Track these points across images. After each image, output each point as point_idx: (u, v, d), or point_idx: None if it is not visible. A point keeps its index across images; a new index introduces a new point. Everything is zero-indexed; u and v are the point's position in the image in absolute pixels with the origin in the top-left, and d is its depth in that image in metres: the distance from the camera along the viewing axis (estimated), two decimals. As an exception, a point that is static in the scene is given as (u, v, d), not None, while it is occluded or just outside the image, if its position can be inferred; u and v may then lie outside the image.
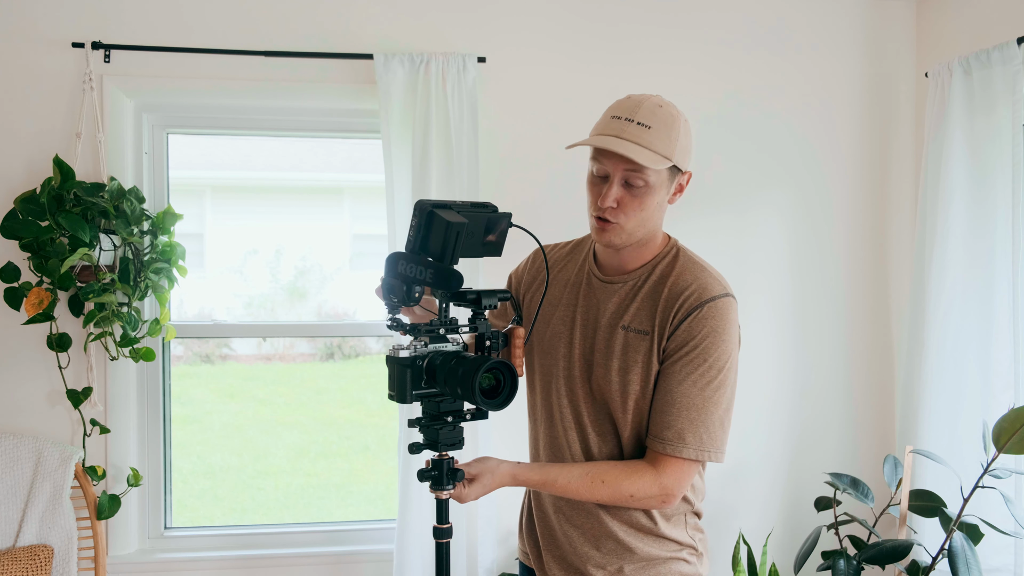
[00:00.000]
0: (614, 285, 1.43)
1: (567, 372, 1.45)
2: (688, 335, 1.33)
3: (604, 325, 1.41)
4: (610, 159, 1.31)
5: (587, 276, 1.47)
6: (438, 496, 1.33)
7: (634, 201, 1.32)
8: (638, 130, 1.28)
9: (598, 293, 1.44)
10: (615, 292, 1.42)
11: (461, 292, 1.29)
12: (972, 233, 2.31)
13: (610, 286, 1.43)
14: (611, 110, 1.35)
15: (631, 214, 1.32)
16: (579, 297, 1.46)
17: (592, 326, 1.43)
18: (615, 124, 1.31)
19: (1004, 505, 2.02)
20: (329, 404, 5.26)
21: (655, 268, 1.41)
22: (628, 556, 1.42)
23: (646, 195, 1.32)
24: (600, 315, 1.43)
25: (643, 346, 1.37)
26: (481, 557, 2.40)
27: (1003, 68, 2.19)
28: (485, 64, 2.46)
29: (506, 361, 1.25)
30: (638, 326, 1.38)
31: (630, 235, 1.35)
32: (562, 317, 1.47)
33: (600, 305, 1.43)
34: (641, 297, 1.40)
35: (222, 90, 2.40)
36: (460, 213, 1.25)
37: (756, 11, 2.61)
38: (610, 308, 1.42)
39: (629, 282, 1.42)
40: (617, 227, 1.34)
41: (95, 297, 2.14)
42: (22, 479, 2.20)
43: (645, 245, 1.41)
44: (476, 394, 1.18)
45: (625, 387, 1.38)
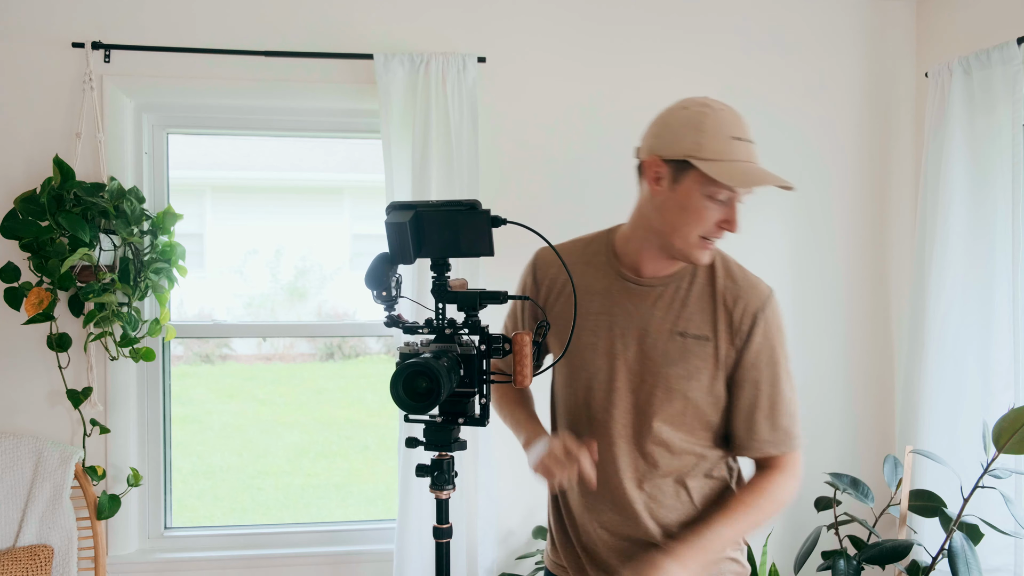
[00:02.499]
0: (655, 289, 1.37)
1: (608, 383, 1.38)
2: (764, 340, 1.35)
3: (655, 331, 1.35)
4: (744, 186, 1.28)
5: (617, 280, 1.40)
6: (438, 496, 1.32)
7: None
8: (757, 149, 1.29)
9: (637, 298, 1.37)
10: (658, 296, 1.37)
11: (451, 294, 1.29)
12: (972, 233, 2.31)
13: (650, 290, 1.37)
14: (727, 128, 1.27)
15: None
16: (612, 304, 1.39)
17: (638, 334, 1.36)
18: (744, 148, 1.27)
19: (1004, 505, 2.02)
20: (329, 404, 5.27)
21: (695, 272, 1.38)
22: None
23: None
24: (647, 322, 1.36)
25: (705, 352, 1.34)
26: (481, 557, 2.40)
27: (1003, 68, 2.19)
28: (485, 64, 2.46)
29: (432, 367, 1.21)
30: (696, 331, 1.34)
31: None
32: (594, 327, 1.39)
33: (643, 311, 1.36)
34: (693, 301, 1.36)
35: (222, 90, 2.40)
36: (423, 212, 1.25)
37: (756, 11, 2.61)
38: (657, 314, 1.36)
39: (671, 285, 1.37)
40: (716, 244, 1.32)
41: (95, 297, 2.14)
42: (22, 479, 2.20)
43: None
44: (399, 392, 1.19)
45: (685, 395, 1.34)
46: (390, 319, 1.34)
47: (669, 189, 1.29)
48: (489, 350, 1.32)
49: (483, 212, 1.26)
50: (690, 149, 1.25)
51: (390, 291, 1.27)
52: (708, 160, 1.24)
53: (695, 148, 1.25)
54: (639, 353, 1.36)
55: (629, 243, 1.39)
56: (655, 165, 1.30)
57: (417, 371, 1.19)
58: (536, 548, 2.53)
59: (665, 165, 1.28)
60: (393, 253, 1.25)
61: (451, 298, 1.31)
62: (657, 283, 1.37)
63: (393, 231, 1.22)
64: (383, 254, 1.28)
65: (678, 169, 1.27)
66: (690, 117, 1.28)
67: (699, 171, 1.24)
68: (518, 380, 1.34)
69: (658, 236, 1.33)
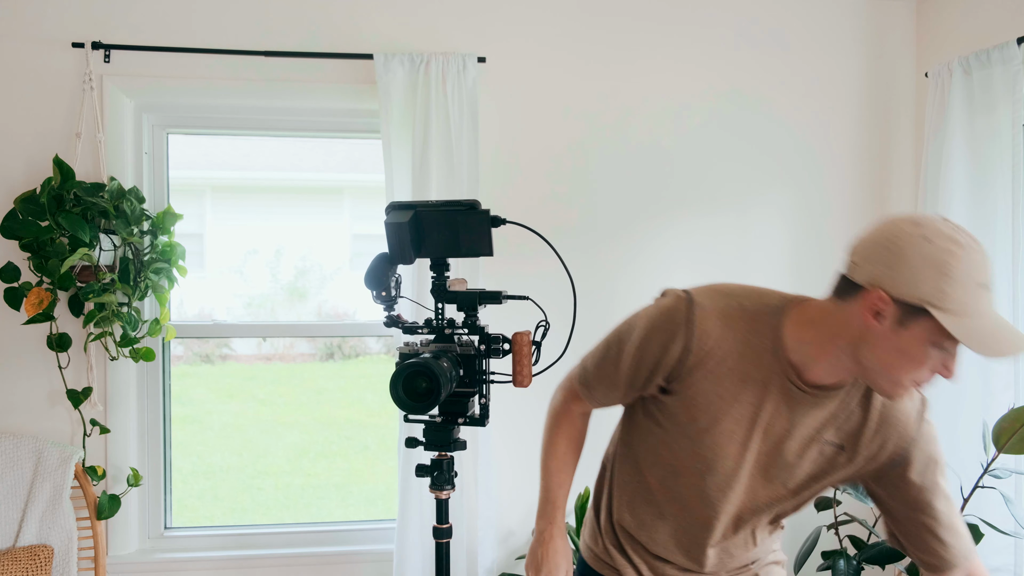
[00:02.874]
0: (816, 399, 1.24)
1: (733, 470, 1.29)
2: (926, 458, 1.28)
3: (799, 437, 1.27)
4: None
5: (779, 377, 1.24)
6: (438, 496, 1.32)
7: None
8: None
9: (794, 403, 1.24)
10: (821, 407, 1.25)
11: (451, 294, 1.29)
12: (972, 233, 2.31)
13: (811, 399, 1.24)
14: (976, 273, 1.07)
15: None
16: (766, 399, 1.25)
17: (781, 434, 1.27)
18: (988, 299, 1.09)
19: (1004, 505, 2.02)
20: (329, 404, 5.27)
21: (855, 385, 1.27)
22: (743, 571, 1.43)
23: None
24: (795, 426, 1.26)
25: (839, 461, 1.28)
26: (481, 557, 2.40)
27: (1003, 68, 2.19)
28: (485, 64, 2.46)
29: (432, 367, 1.21)
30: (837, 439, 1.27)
31: None
32: (738, 416, 1.25)
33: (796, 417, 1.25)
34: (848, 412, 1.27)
35: (222, 90, 2.40)
36: (423, 212, 1.25)
37: (756, 11, 2.61)
38: (811, 423, 1.26)
39: (837, 398, 1.25)
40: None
41: (95, 297, 2.14)
42: (22, 479, 2.20)
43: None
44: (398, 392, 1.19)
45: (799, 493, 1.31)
46: (390, 319, 1.34)
47: (891, 330, 1.10)
48: (488, 350, 1.32)
49: (483, 212, 1.26)
50: (931, 296, 1.06)
51: (390, 291, 1.27)
52: (951, 314, 1.05)
53: (937, 296, 1.05)
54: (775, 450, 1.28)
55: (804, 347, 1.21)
56: (880, 301, 1.09)
57: (417, 371, 1.19)
58: (536, 548, 2.53)
59: (893, 304, 1.08)
60: (393, 253, 1.25)
61: (450, 298, 1.31)
62: (820, 394, 1.24)
63: (393, 231, 1.22)
64: (383, 254, 1.28)
65: (909, 313, 1.08)
66: (935, 256, 1.06)
67: (935, 321, 1.06)
68: (517, 380, 1.34)
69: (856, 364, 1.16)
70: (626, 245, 2.57)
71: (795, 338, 1.21)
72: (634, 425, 1.39)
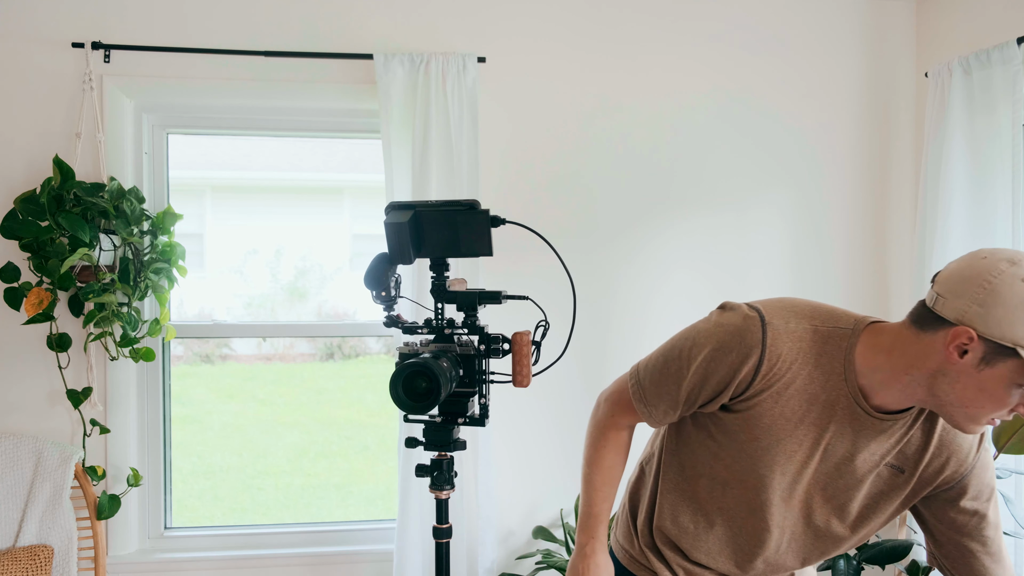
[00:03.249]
0: (885, 423, 1.22)
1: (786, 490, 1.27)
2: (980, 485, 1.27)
3: (862, 460, 1.25)
4: None
5: (846, 399, 1.22)
6: (438, 496, 1.32)
7: None
8: None
9: (859, 425, 1.22)
10: (886, 431, 1.23)
11: (450, 294, 1.29)
12: (972, 233, 2.31)
13: (878, 423, 1.22)
14: None
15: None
16: (831, 421, 1.23)
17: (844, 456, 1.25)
18: None
19: (1004, 505, 2.02)
20: (329, 404, 5.26)
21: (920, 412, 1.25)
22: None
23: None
24: (859, 449, 1.24)
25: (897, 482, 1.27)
26: (481, 557, 2.40)
27: (1003, 68, 2.19)
28: (485, 64, 2.46)
29: (432, 367, 1.21)
30: (898, 463, 1.26)
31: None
32: (801, 438, 1.24)
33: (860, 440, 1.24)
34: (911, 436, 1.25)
35: (222, 90, 2.40)
36: (423, 212, 1.24)
37: (756, 11, 2.61)
38: (876, 448, 1.24)
39: (901, 421, 1.23)
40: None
41: (95, 297, 2.14)
42: (22, 479, 2.20)
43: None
44: (398, 391, 1.19)
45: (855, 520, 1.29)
46: (389, 319, 1.34)
47: (974, 367, 1.08)
48: (488, 350, 1.32)
49: (482, 212, 1.26)
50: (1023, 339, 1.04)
51: (389, 291, 1.27)
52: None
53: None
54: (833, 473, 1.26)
55: (876, 373, 1.18)
56: (966, 338, 1.07)
57: (416, 371, 1.19)
58: (536, 548, 2.52)
59: (980, 342, 1.06)
60: (392, 253, 1.25)
61: (450, 298, 1.31)
62: (888, 419, 1.21)
63: (392, 231, 1.22)
64: (382, 254, 1.28)
65: (996, 352, 1.06)
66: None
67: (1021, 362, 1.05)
68: (517, 380, 1.34)
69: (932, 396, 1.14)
70: (626, 245, 2.57)
71: (867, 363, 1.19)
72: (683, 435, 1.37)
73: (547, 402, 2.55)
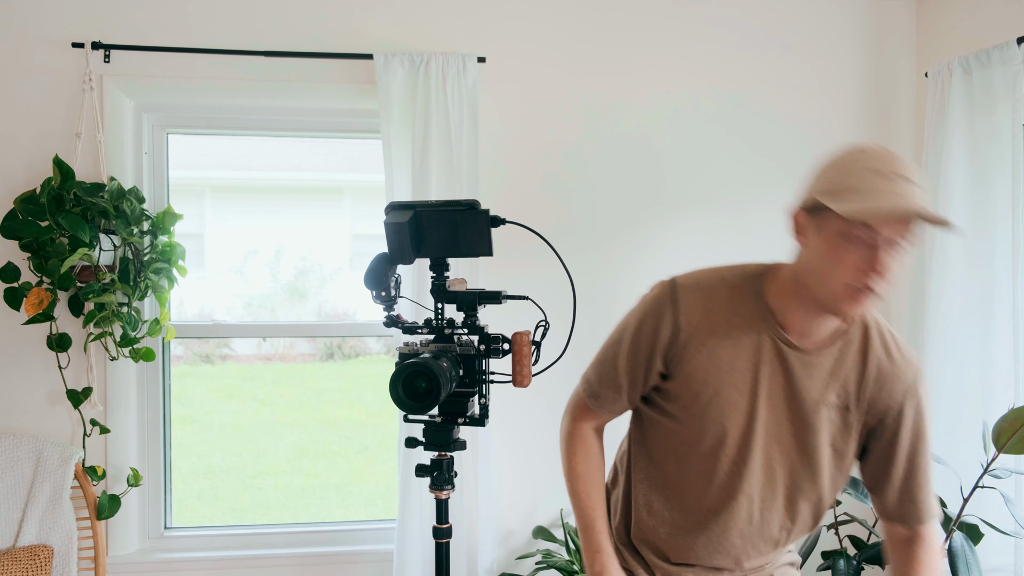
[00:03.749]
0: (809, 356, 1.28)
1: (743, 442, 1.30)
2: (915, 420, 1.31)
3: (800, 399, 1.29)
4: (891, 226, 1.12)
5: (769, 339, 1.28)
6: (438, 496, 1.32)
7: (896, 264, 1.16)
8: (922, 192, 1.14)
9: (795, 367, 1.28)
10: (817, 367, 1.28)
11: (450, 294, 1.29)
12: (972, 233, 2.31)
13: (804, 356, 1.27)
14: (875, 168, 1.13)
15: (892, 280, 1.17)
16: (761, 363, 1.28)
17: (784, 399, 1.29)
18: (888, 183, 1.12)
19: (1004, 505, 2.02)
20: (329, 404, 5.27)
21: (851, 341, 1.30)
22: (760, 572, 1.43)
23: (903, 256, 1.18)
24: (796, 389, 1.28)
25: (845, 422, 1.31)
26: (481, 557, 2.40)
27: (1003, 68, 2.19)
28: (485, 64, 2.46)
29: (432, 367, 1.21)
30: (839, 401, 1.30)
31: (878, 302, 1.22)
32: (739, 384, 1.28)
33: (799, 381, 1.28)
34: (843, 372, 1.29)
35: (222, 90, 2.40)
36: (423, 212, 1.25)
37: (756, 11, 2.61)
38: (807, 383, 1.28)
39: (831, 356, 1.29)
40: (875, 297, 1.17)
41: (95, 297, 2.14)
42: (22, 479, 2.20)
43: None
44: (398, 391, 1.19)
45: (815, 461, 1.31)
46: (389, 319, 1.34)
47: (814, 238, 1.18)
48: (488, 350, 1.32)
49: (482, 212, 1.26)
50: (826, 189, 1.14)
51: (389, 291, 1.27)
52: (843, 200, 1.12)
53: (831, 187, 1.14)
54: (781, 419, 1.30)
55: (785, 301, 1.26)
56: (796, 216, 1.21)
57: (417, 371, 1.19)
58: (536, 548, 2.52)
59: (805, 214, 1.19)
60: (392, 253, 1.25)
61: (450, 298, 1.31)
62: (811, 348, 1.27)
63: (392, 231, 1.22)
64: (382, 254, 1.28)
65: (817, 215, 1.17)
66: (836, 160, 1.16)
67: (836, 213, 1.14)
68: (517, 380, 1.34)
69: (808, 291, 1.21)
70: (626, 245, 2.57)
71: (778, 297, 1.27)
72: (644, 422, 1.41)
73: (547, 402, 2.55)
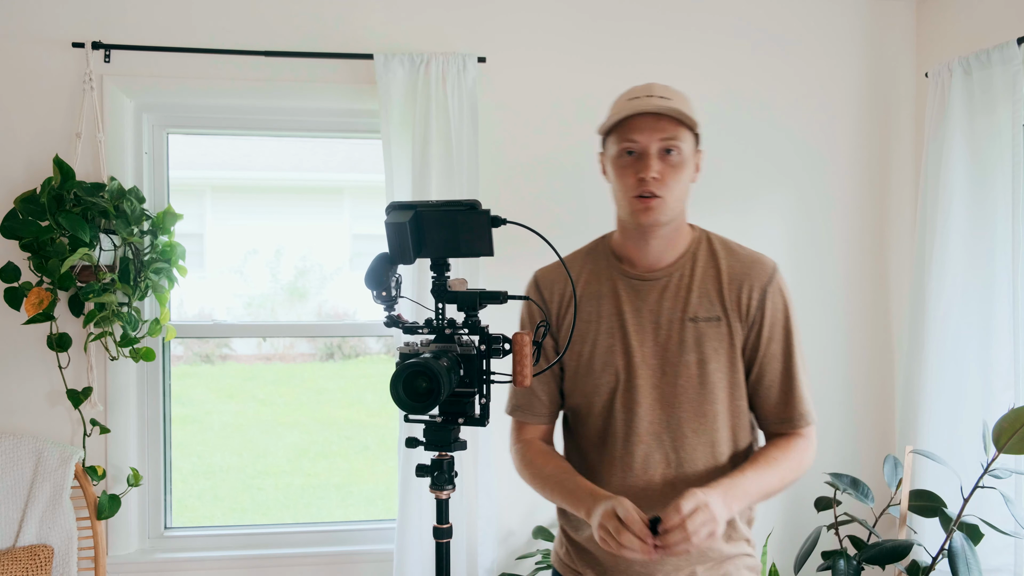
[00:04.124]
0: (659, 280, 1.39)
1: (629, 380, 1.37)
2: (774, 313, 1.38)
3: (666, 322, 1.37)
4: (644, 132, 1.30)
5: (622, 279, 1.41)
6: (438, 496, 1.32)
7: (673, 172, 1.32)
8: (662, 100, 1.31)
9: (643, 293, 1.39)
10: (663, 287, 1.38)
11: (451, 294, 1.29)
12: (972, 233, 2.31)
13: (655, 283, 1.39)
14: (626, 94, 1.36)
15: (672, 186, 1.32)
16: (621, 303, 1.39)
17: (652, 327, 1.37)
18: (638, 102, 1.31)
19: (1004, 505, 2.02)
20: (329, 404, 5.27)
21: (696, 256, 1.40)
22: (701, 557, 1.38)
23: (681, 166, 1.34)
24: (658, 314, 1.37)
25: (719, 333, 1.36)
26: (481, 557, 2.40)
27: (1003, 68, 2.19)
28: (485, 64, 2.46)
29: (432, 367, 1.20)
30: (707, 314, 1.36)
31: (671, 210, 1.35)
32: (608, 330, 1.39)
33: (651, 304, 1.38)
34: (698, 285, 1.38)
35: (222, 90, 2.40)
36: (423, 212, 1.24)
37: (756, 11, 2.61)
38: (666, 304, 1.37)
39: (674, 275, 1.39)
40: (661, 202, 1.32)
41: (95, 297, 2.14)
42: (22, 479, 2.20)
43: (678, 231, 1.41)
44: (398, 391, 1.19)
45: (704, 380, 1.35)
46: (390, 319, 1.34)
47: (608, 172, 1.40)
48: (489, 350, 1.32)
49: (483, 212, 1.26)
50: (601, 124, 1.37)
51: (390, 291, 1.27)
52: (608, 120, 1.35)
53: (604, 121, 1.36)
54: (655, 346, 1.37)
55: (623, 241, 1.43)
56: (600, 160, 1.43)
57: (417, 371, 1.19)
58: (536, 548, 2.52)
59: (601, 155, 1.42)
60: (393, 253, 1.25)
61: (451, 298, 1.31)
62: (660, 274, 1.38)
63: (393, 231, 1.22)
64: (383, 254, 1.28)
65: (603, 150, 1.40)
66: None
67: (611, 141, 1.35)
68: (518, 380, 1.34)
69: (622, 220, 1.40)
70: (626, 245, 2.57)
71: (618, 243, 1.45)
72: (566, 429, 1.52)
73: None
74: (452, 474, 1.35)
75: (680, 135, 1.32)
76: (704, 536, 1.18)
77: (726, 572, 1.40)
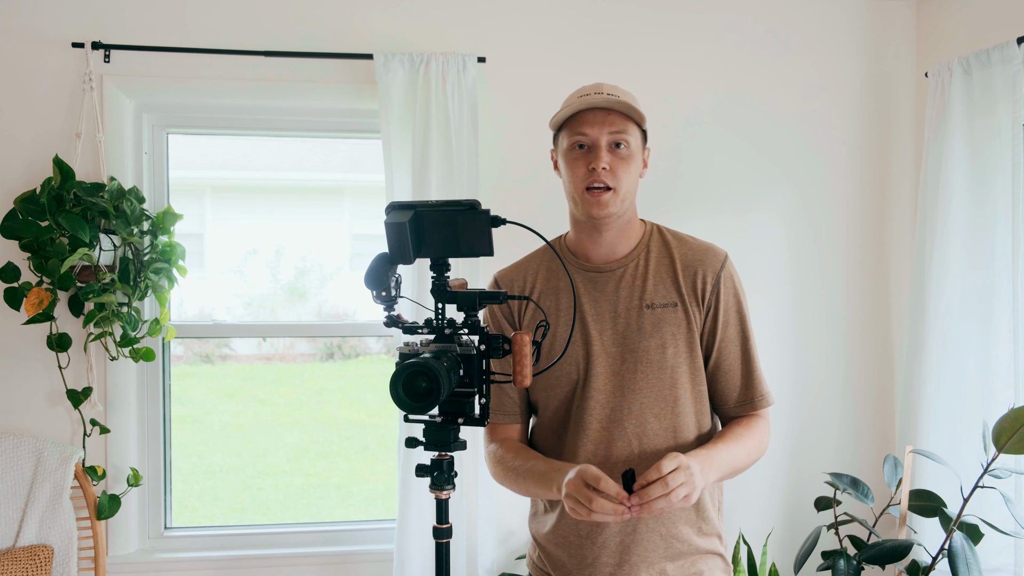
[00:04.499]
0: (615, 272, 1.43)
1: (588, 372, 1.41)
2: (728, 298, 1.42)
3: (624, 311, 1.41)
4: (595, 126, 1.36)
5: (579, 273, 1.46)
6: (438, 496, 1.32)
7: (622, 164, 1.38)
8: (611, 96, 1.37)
9: (599, 285, 1.44)
10: (618, 278, 1.43)
11: (451, 294, 1.29)
12: (972, 233, 2.31)
13: (610, 274, 1.44)
14: (576, 92, 1.42)
15: (623, 178, 1.37)
16: (581, 297, 1.44)
17: (609, 316, 1.41)
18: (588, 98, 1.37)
19: (1004, 505, 2.02)
20: (329, 404, 5.26)
21: (649, 246, 1.45)
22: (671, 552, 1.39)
23: (630, 159, 1.39)
24: (615, 303, 1.42)
25: (676, 318, 1.40)
26: (481, 557, 2.40)
27: (1003, 68, 2.19)
28: (485, 64, 2.46)
29: (432, 367, 1.20)
30: (663, 300, 1.41)
31: (622, 202, 1.39)
32: (567, 322, 1.44)
33: (608, 295, 1.42)
34: (652, 274, 1.42)
35: (222, 90, 2.40)
36: (423, 212, 1.24)
37: (756, 11, 2.61)
38: (623, 294, 1.42)
39: (629, 265, 1.44)
40: (612, 194, 1.37)
41: (95, 297, 2.14)
42: (22, 479, 2.20)
43: (630, 224, 1.45)
44: (398, 392, 1.19)
45: (664, 365, 1.39)
46: (390, 319, 1.34)
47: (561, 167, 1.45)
48: (489, 350, 1.32)
49: (483, 212, 1.26)
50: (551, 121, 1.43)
51: (390, 291, 1.27)
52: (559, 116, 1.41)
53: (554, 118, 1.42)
54: (614, 334, 1.41)
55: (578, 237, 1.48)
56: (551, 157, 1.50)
57: (417, 371, 1.19)
58: (536, 548, 2.53)
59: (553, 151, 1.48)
60: (393, 253, 1.25)
61: (451, 298, 1.31)
62: (616, 265, 1.44)
63: (393, 231, 1.22)
64: (383, 254, 1.28)
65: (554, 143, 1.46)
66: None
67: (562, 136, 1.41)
68: (518, 380, 1.34)
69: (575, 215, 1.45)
70: (626, 245, 2.56)
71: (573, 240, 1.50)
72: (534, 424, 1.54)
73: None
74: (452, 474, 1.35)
75: (628, 129, 1.38)
76: (680, 496, 1.19)
77: (698, 571, 1.42)
